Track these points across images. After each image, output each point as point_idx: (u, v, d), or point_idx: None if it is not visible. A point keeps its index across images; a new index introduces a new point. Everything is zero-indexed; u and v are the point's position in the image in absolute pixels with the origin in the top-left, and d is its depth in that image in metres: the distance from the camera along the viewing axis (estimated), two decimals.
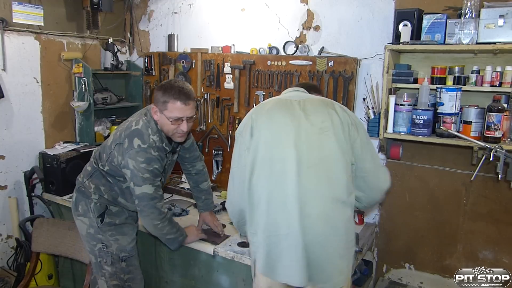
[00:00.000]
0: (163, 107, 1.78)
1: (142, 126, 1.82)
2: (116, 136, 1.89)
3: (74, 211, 2.04)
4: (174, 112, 1.77)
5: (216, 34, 3.06)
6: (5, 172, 2.76)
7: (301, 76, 2.64)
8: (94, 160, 2.01)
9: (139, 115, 1.90)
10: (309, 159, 1.44)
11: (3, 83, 2.64)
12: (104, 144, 1.99)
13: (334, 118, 1.48)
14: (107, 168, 1.93)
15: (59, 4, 2.94)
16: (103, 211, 1.98)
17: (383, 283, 2.55)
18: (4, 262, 2.78)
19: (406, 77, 2.17)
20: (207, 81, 3.03)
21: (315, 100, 1.59)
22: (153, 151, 1.80)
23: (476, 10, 1.94)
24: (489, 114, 1.93)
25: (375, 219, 2.61)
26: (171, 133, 1.84)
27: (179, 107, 1.77)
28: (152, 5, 3.36)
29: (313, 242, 1.43)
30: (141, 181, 1.80)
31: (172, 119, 1.78)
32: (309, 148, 1.45)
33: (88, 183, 1.99)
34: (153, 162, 1.80)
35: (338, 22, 2.57)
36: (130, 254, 2.04)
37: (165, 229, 1.94)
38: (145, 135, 1.79)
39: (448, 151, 2.32)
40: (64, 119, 3.08)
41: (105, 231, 1.98)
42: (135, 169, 1.78)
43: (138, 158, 1.77)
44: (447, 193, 2.37)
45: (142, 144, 1.78)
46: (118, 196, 1.99)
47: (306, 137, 1.46)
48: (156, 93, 1.82)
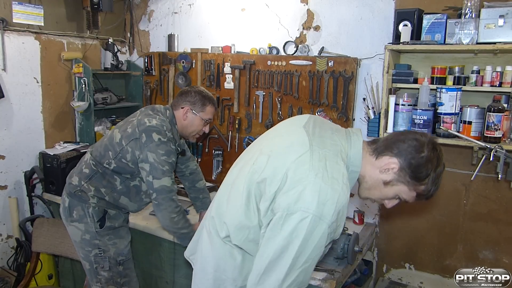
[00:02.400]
0: (201, 109, 2.01)
1: (158, 124, 1.88)
2: (127, 133, 1.89)
3: (67, 217, 1.97)
4: (209, 114, 2.05)
5: (216, 34, 3.06)
6: (5, 172, 2.76)
7: (301, 76, 2.64)
8: (93, 162, 1.97)
9: (147, 114, 1.93)
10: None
11: (3, 83, 2.64)
12: (105, 143, 1.96)
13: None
14: (114, 166, 1.92)
15: (59, 4, 2.95)
16: (103, 215, 1.95)
17: (383, 283, 2.55)
18: (4, 262, 2.78)
19: (406, 77, 2.17)
20: (207, 81, 3.03)
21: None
22: (172, 144, 1.90)
23: (476, 10, 1.94)
24: (489, 114, 1.93)
25: (375, 219, 2.61)
26: (194, 133, 2.07)
27: (213, 112, 2.08)
28: (152, 5, 3.36)
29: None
30: (161, 174, 1.84)
31: (206, 120, 2.04)
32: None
33: (87, 186, 1.95)
34: (172, 155, 1.88)
35: (338, 22, 2.57)
36: (127, 257, 2.03)
37: (180, 222, 1.95)
38: (162, 130, 1.88)
39: (448, 151, 2.32)
40: (64, 119, 3.08)
41: (103, 236, 1.95)
42: (155, 161, 1.83)
43: (159, 150, 1.83)
44: (447, 193, 2.37)
45: (162, 137, 1.86)
46: (120, 196, 1.97)
47: None
48: (192, 97, 2.01)
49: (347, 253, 1.96)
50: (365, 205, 2.62)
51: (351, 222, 2.54)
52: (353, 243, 1.97)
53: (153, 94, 3.33)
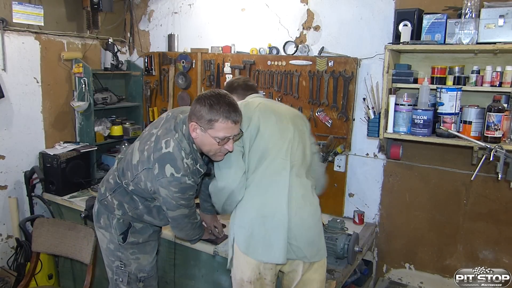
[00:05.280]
0: (208, 126, 1.52)
1: (174, 149, 1.57)
2: (143, 157, 1.65)
3: (96, 222, 1.90)
4: (222, 132, 1.52)
5: (216, 34, 3.07)
6: (5, 172, 2.76)
7: (301, 76, 2.64)
8: (117, 174, 1.80)
9: (168, 130, 1.63)
10: (296, 157, 1.71)
11: (3, 83, 2.64)
12: (127, 160, 1.76)
13: (302, 123, 1.84)
14: (132, 188, 1.75)
15: (59, 4, 2.95)
16: (126, 228, 1.83)
17: (383, 283, 2.55)
18: (4, 262, 2.78)
19: (406, 77, 2.17)
20: (207, 81, 3.03)
21: (290, 109, 1.88)
22: (188, 179, 1.58)
23: (476, 10, 1.94)
24: (489, 114, 1.93)
25: (375, 219, 2.61)
26: (212, 153, 1.60)
27: (229, 127, 1.52)
28: (152, 5, 3.36)
29: (299, 222, 1.62)
30: (174, 207, 1.67)
31: (219, 139, 1.53)
32: (297, 148, 1.73)
33: (111, 199, 1.81)
34: (188, 190, 1.62)
35: (338, 22, 2.57)
36: (149, 275, 1.92)
37: (194, 232, 1.93)
38: (178, 160, 1.56)
39: (448, 151, 2.32)
40: (64, 119, 3.08)
41: (127, 249, 1.85)
42: (168, 197, 1.62)
43: (171, 188, 1.58)
44: (447, 193, 2.37)
45: (176, 172, 1.56)
46: (144, 214, 1.82)
47: (296, 140, 1.73)
48: (198, 108, 1.54)
49: (347, 253, 1.96)
50: (365, 205, 2.62)
51: (351, 222, 2.54)
52: (353, 243, 1.97)
53: (153, 94, 3.33)
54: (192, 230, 1.89)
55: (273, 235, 1.60)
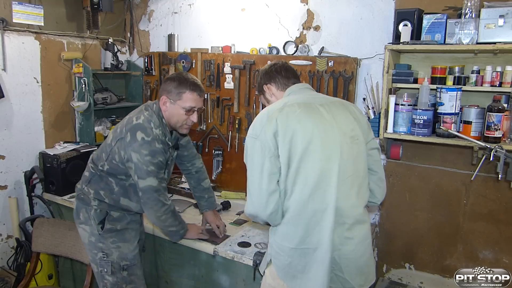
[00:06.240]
0: (177, 97, 1.84)
1: (144, 121, 1.81)
2: (116, 133, 1.87)
3: (76, 219, 2.00)
4: (188, 102, 1.85)
5: (216, 34, 3.07)
6: (5, 172, 2.76)
7: (301, 76, 2.64)
8: (92, 164, 1.98)
9: (138, 111, 1.89)
10: (346, 170, 1.47)
11: (3, 83, 2.64)
12: (102, 145, 1.97)
13: (358, 125, 1.55)
14: (107, 168, 1.90)
15: (59, 4, 2.95)
16: (104, 217, 1.94)
17: (383, 283, 2.55)
18: (4, 262, 2.78)
19: (406, 77, 2.17)
20: (207, 81, 3.03)
21: (338, 104, 1.58)
22: (157, 143, 1.80)
23: (476, 10, 1.94)
24: (489, 114, 1.93)
25: (375, 219, 2.61)
26: (180, 124, 1.90)
27: (195, 98, 1.86)
28: (152, 5, 3.36)
29: (345, 253, 1.47)
30: (145, 174, 1.80)
31: (186, 109, 1.85)
32: (346, 159, 1.47)
33: (87, 189, 1.96)
34: (157, 154, 1.81)
35: (338, 22, 2.57)
36: (131, 263, 1.98)
37: (168, 221, 1.95)
38: (148, 128, 1.79)
39: (448, 151, 2.32)
40: (64, 119, 3.08)
41: (106, 238, 1.93)
42: (139, 162, 1.78)
43: (142, 151, 1.77)
44: (447, 193, 2.37)
45: (146, 136, 1.78)
46: (120, 198, 1.95)
47: (342, 147, 1.47)
48: (168, 84, 1.86)
49: None
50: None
51: None
52: None
53: (153, 94, 3.33)
54: (164, 214, 1.90)
55: (313, 267, 1.46)
